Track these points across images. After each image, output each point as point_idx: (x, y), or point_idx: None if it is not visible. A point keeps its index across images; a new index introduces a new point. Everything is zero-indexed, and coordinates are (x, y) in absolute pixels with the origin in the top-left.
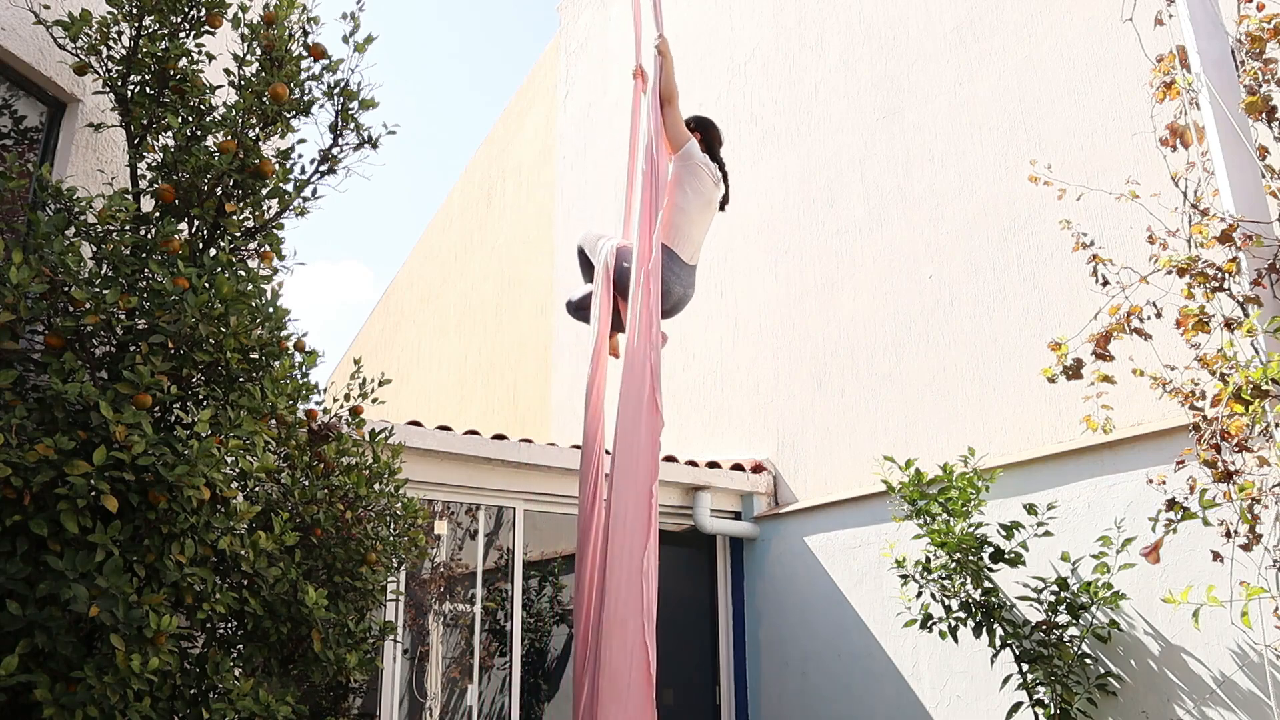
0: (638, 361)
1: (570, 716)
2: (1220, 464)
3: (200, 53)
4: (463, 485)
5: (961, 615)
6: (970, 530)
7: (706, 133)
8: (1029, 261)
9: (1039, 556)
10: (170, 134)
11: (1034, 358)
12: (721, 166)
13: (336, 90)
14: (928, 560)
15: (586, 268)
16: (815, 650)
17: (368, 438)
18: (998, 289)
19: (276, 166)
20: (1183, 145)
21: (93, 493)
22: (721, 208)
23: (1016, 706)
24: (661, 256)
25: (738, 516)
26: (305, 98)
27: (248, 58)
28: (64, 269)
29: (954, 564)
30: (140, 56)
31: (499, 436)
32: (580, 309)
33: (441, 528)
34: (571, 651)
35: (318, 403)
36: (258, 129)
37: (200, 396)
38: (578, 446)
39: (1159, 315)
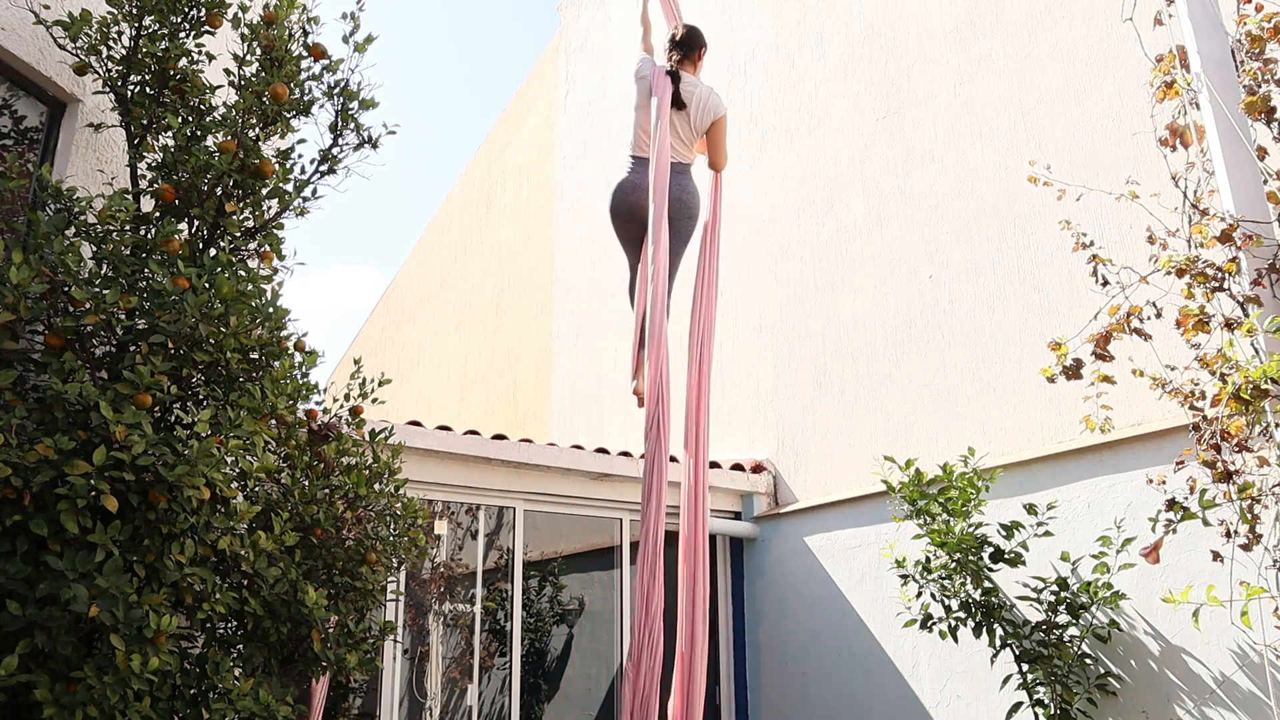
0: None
1: (570, 716)
2: (1220, 464)
3: (200, 53)
4: (463, 485)
5: (961, 615)
6: (970, 530)
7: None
8: (1029, 261)
9: (1039, 556)
10: (170, 134)
11: (1034, 358)
12: (674, 70)
13: (336, 90)
14: (928, 560)
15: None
16: (815, 650)
17: (368, 438)
18: (998, 289)
19: (276, 166)
20: (1183, 145)
21: (93, 493)
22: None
23: (1016, 706)
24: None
25: (738, 516)
26: (305, 98)
27: (248, 58)
28: (64, 269)
29: (954, 564)
30: (140, 56)
31: (499, 436)
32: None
33: (441, 528)
34: (568, 650)
35: (318, 403)
36: (258, 129)
37: (200, 396)
38: (578, 446)
39: (1159, 315)
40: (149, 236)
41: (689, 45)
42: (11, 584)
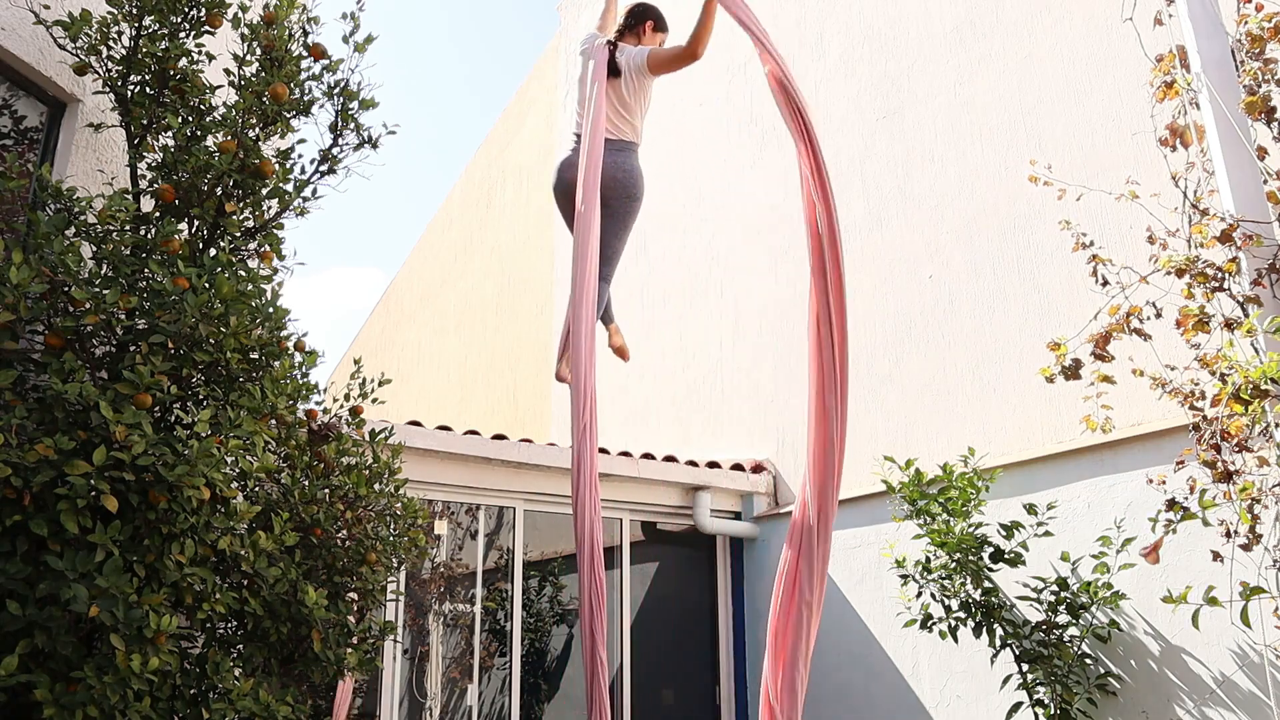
0: None
1: (570, 716)
2: (1220, 464)
3: (200, 53)
4: (463, 485)
5: (961, 615)
6: (970, 530)
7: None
8: (1029, 261)
9: (1039, 556)
10: (170, 134)
11: (1034, 358)
12: (612, 41)
13: (336, 90)
14: (928, 560)
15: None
16: (815, 650)
17: (368, 438)
18: (998, 289)
19: (276, 166)
20: (1183, 145)
21: (93, 493)
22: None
23: (1016, 706)
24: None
25: (738, 516)
26: (305, 98)
27: (248, 58)
28: (64, 269)
29: (954, 564)
30: (140, 56)
31: (499, 436)
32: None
33: (441, 528)
34: (572, 650)
35: (318, 403)
36: (258, 129)
37: (200, 396)
38: None
39: (1159, 315)
40: (149, 236)
41: (634, 18)
42: (11, 584)
